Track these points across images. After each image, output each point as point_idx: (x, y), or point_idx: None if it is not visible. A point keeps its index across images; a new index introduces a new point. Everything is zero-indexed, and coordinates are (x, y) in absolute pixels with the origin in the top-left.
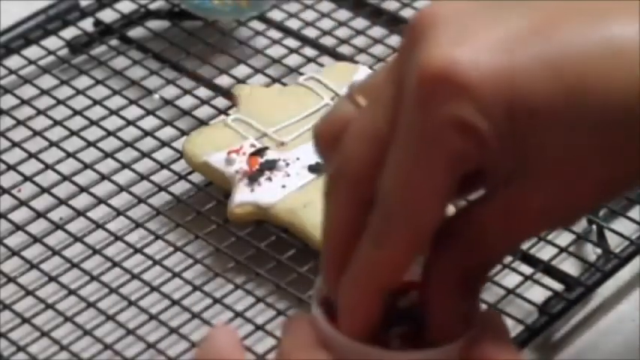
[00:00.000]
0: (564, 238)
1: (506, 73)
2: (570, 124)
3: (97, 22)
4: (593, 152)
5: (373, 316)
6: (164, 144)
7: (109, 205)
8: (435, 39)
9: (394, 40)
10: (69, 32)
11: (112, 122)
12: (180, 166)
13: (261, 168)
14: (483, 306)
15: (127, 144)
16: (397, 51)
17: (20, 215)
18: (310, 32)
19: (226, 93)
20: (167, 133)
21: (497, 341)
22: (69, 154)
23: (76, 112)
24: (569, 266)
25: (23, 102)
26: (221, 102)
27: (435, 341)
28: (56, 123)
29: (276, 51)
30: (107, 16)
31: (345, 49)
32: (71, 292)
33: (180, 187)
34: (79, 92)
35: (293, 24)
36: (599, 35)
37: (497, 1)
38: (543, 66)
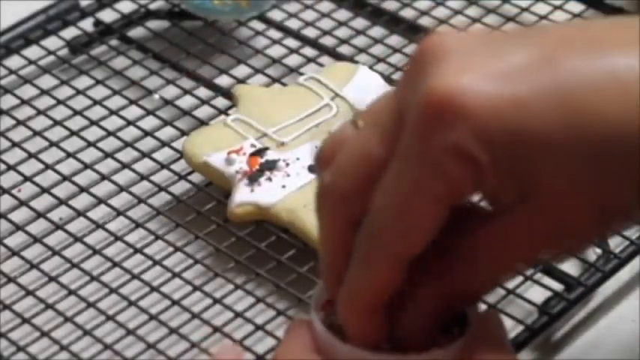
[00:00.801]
0: None
1: (508, 103)
2: (571, 154)
3: (97, 22)
4: (595, 182)
5: (375, 327)
6: (164, 144)
7: (109, 205)
8: (441, 68)
9: (394, 40)
10: (69, 32)
11: (112, 122)
12: (180, 166)
13: (261, 168)
14: (483, 306)
15: (127, 144)
16: (402, 76)
17: (20, 215)
18: (310, 32)
19: (226, 93)
20: (167, 133)
21: (494, 342)
22: (69, 154)
23: (76, 112)
24: (569, 266)
25: (23, 102)
26: (221, 102)
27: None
28: (56, 123)
29: (276, 51)
30: (107, 16)
31: (345, 49)
32: (71, 292)
33: (180, 187)
34: (79, 92)
35: (293, 24)
36: (601, 66)
37: (501, 35)
38: (545, 96)
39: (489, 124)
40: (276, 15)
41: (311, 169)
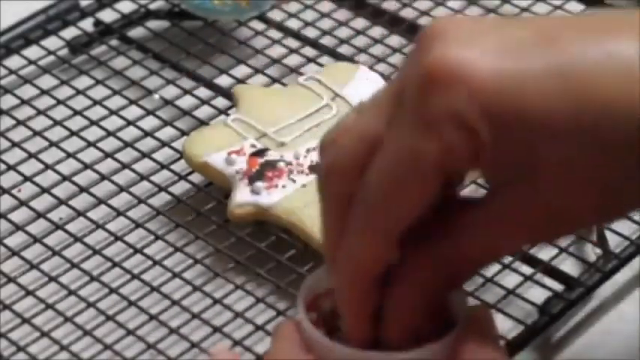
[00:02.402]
0: (564, 238)
1: (509, 77)
2: (572, 134)
3: (97, 22)
4: (595, 165)
5: (368, 301)
6: (164, 144)
7: (109, 206)
8: (443, 43)
9: (394, 40)
10: (69, 32)
11: (112, 122)
12: (180, 166)
13: (261, 168)
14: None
15: (127, 144)
16: (404, 60)
17: (20, 215)
18: (310, 32)
19: (226, 93)
20: (167, 133)
21: (483, 339)
22: (69, 154)
23: (76, 112)
24: (569, 266)
25: (23, 102)
26: (221, 102)
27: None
28: (56, 123)
29: (276, 51)
30: (107, 16)
31: (345, 49)
32: (71, 292)
33: (180, 188)
34: (79, 92)
35: (293, 24)
36: (603, 50)
37: (503, 18)
38: (547, 74)
39: (489, 96)
40: (276, 15)
41: (311, 168)
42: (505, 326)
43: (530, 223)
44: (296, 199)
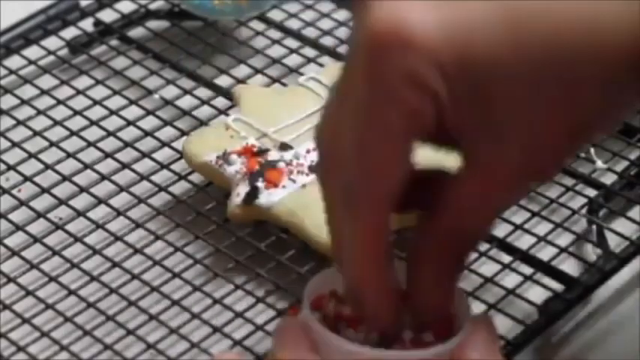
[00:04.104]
0: (564, 238)
1: (456, 26)
2: (523, 73)
3: (97, 22)
4: (559, 103)
5: (387, 275)
6: (164, 144)
7: (109, 206)
8: (378, 4)
9: None
10: (69, 32)
11: (112, 122)
12: (180, 166)
13: (261, 168)
14: (483, 306)
15: (127, 144)
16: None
17: (20, 215)
18: (310, 32)
19: (226, 93)
20: (167, 133)
21: (484, 344)
22: (69, 154)
23: (76, 112)
24: (569, 266)
25: (23, 102)
26: (221, 102)
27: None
28: (56, 123)
29: (276, 51)
30: (107, 16)
31: (345, 49)
32: (71, 292)
33: (180, 187)
34: (79, 92)
35: (293, 24)
36: None
37: None
38: (491, 14)
39: (439, 50)
40: (276, 15)
41: (311, 168)
42: (505, 326)
43: (509, 174)
44: (296, 199)
